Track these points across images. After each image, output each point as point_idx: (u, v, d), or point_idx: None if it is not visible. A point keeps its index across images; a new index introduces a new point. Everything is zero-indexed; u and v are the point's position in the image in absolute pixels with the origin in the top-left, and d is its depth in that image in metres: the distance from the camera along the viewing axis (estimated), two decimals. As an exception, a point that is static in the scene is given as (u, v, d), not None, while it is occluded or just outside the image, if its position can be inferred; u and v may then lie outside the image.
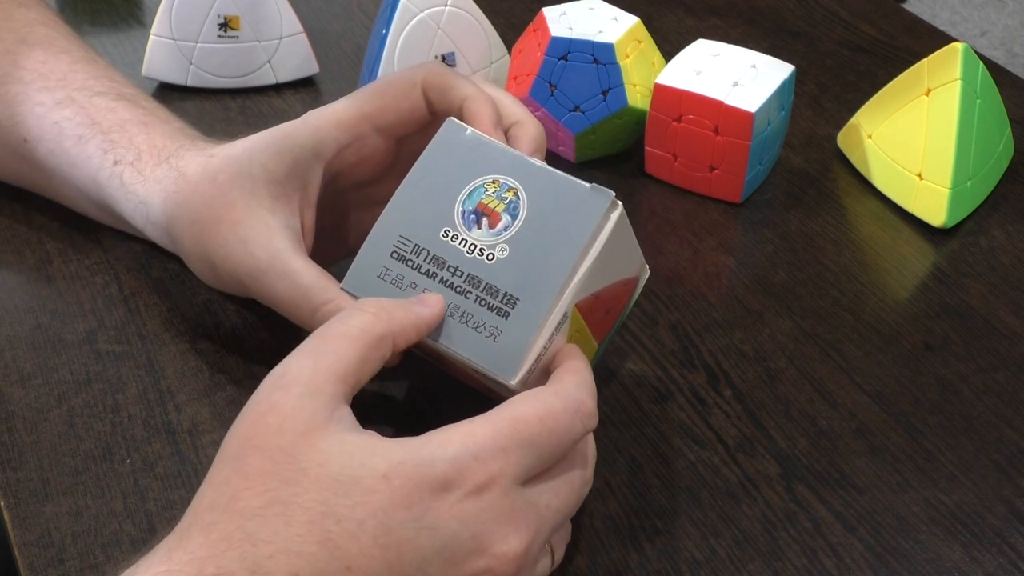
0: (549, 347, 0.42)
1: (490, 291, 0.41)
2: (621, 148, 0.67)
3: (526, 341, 0.40)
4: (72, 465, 0.47)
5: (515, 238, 0.42)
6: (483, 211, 0.42)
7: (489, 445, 0.37)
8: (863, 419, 0.51)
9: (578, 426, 0.40)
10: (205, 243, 0.49)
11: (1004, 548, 0.45)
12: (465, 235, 0.42)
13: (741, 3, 0.84)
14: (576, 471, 0.41)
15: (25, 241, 0.59)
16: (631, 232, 0.44)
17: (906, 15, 0.84)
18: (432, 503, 0.36)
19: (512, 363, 0.41)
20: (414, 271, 0.42)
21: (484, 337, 0.41)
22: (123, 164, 0.53)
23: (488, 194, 0.43)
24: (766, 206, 0.64)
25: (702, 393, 0.52)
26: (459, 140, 0.44)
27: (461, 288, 0.41)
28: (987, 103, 0.63)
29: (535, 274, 0.41)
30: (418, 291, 0.42)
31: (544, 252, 0.41)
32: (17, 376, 0.51)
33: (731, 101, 0.60)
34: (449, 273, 0.42)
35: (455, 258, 0.42)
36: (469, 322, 0.41)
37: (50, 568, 0.43)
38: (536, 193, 0.42)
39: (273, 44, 0.71)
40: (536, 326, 0.41)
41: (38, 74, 0.57)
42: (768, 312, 0.57)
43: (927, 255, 0.61)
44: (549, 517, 0.39)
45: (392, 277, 0.42)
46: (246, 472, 0.37)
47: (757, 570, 0.44)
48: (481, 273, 0.41)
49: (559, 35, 0.63)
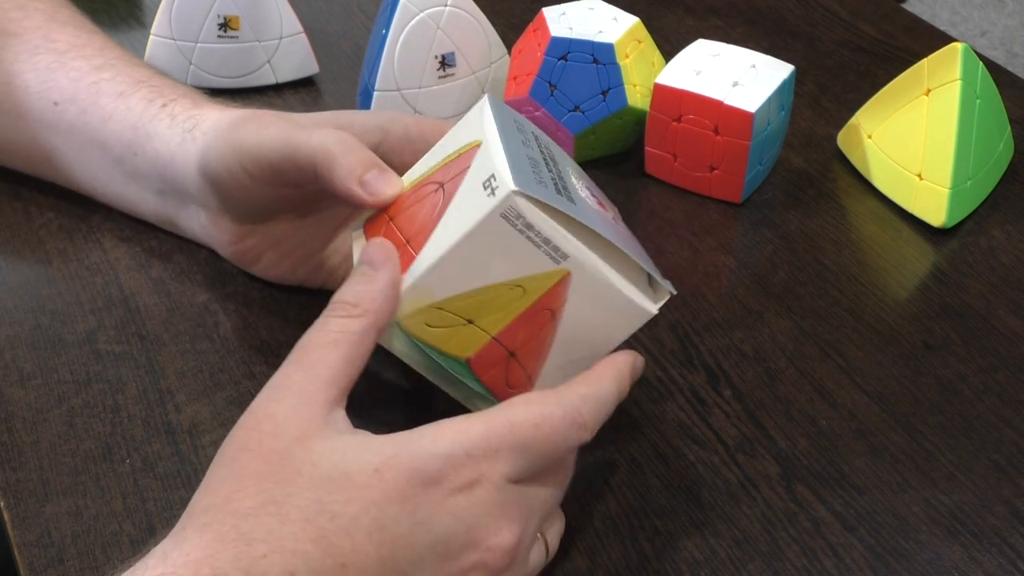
0: (531, 241, 0.40)
1: (564, 187, 0.42)
2: (621, 148, 0.67)
3: (551, 200, 0.39)
4: (72, 465, 0.47)
5: (605, 216, 0.43)
6: (598, 200, 0.45)
7: (481, 444, 0.38)
8: (863, 419, 0.51)
9: (573, 436, 0.40)
10: (240, 129, 0.49)
11: (1004, 548, 0.45)
12: (575, 183, 0.44)
13: (741, 3, 0.84)
14: (565, 465, 0.42)
15: (25, 241, 0.59)
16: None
17: (906, 15, 0.84)
18: (424, 497, 0.37)
19: (528, 188, 0.39)
20: (535, 141, 0.44)
21: (532, 172, 0.41)
22: (176, 102, 0.54)
23: (607, 203, 0.46)
24: (766, 206, 0.64)
25: (702, 393, 0.52)
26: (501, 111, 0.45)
27: (551, 167, 0.43)
28: (987, 103, 0.63)
29: (595, 220, 0.41)
30: (526, 139, 0.43)
31: (613, 230, 0.42)
32: (17, 376, 0.51)
33: (731, 101, 0.60)
34: (552, 163, 0.43)
35: (563, 170, 0.44)
36: (535, 168, 0.41)
37: (50, 568, 0.43)
38: (635, 243, 0.45)
39: (273, 44, 0.71)
40: (566, 210, 0.40)
41: (72, 45, 0.58)
42: (768, 312, 0.57)
43: (927, 255, 0.61)
44: (538, 507, 0.40)
45: (518, 126, 0.44)
46: (240, 475, 0.37)
47: (757, 570, 0.44)
48: (569, 185, 0.43)
49: (559, 35, 0.63)
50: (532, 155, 0.42)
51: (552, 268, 0.40)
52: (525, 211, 0.39)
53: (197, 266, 0.57)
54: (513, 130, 0.43)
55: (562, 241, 0.40)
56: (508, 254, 0.40)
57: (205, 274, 0.57)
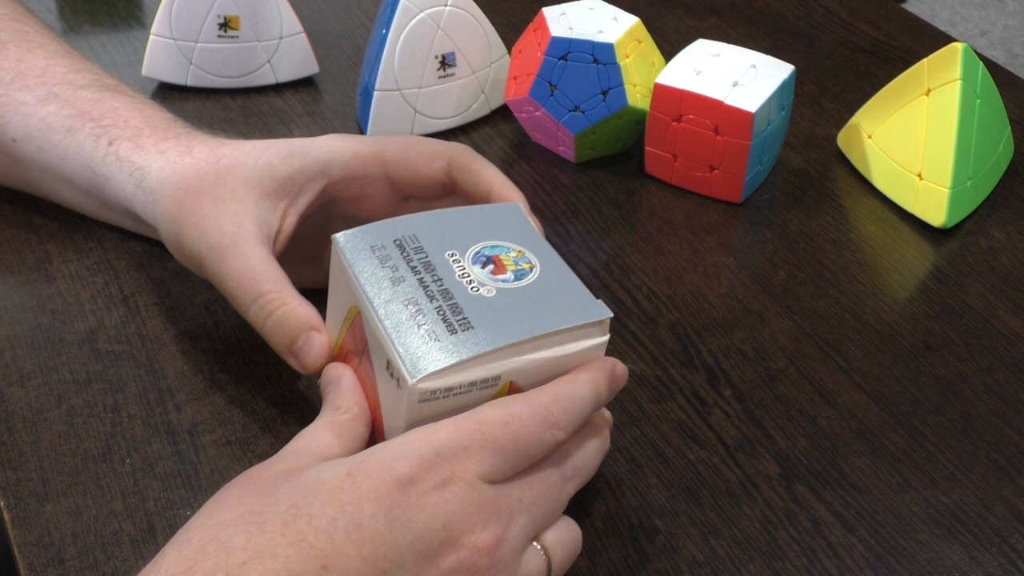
0: (465, 393, 0.40)
1: (454, 309, 0.41)
2: (621, 148, 0.67)
3: (453, 358, 0.39)
4: (72, 465, 0.47)
5: (506, 291, 0.42)
6: (495, 261, 0.43)
7: (451, 443, 0.38)
8: (863, 419, 0.51)
9: (546, 435, 0.40)
10: (182, 209, 0.49)
11: (1004, 548, 0.45)
12: (466, 265, 0.43)
13: (741, 3, 0.84)
14: (552, 469, 0.41)
15: (25, 241, 0.59)
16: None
17: (906, 15, 0.84)
18: (399, 496, 0.37)
19: (426, 365, 0.39)
20: (403, 261, 0.42)
21: (421, 335, 0.40)
22: (120, 141, 0.53)
23: (508, 255, 0.44)
24: (766, 206, 0.64)
25: (702, 393, 0.52)
26: (516, 213, 0.46)
27: (431, 292, 0.41)
28: (987, 103, 0.63)
29: (501, 322, 0.40)
30: (396, 275, 0.42)
31: (521, 314, 0.41)
32: (17, 376, 0.51)
33: (731, 101, 0.60)
34: (431, 278, 0.42)
35: (445, 272, 0.42)
36: (416, 319, 0.40)
37: (50, 568, 0.43)
38: (548, 279, 0.43)
39: (273, 44, 0.71)
40: (472, 353, 0.39)
41: (16, 73, 0.57)
42: (768, 312, 0.57)
43: (927, 255, 0.61)
44: (523, 510, 0.39)
45: (381, 255, 0.43)
46: (223, 496, 0.38)
47: (757, 570, 0.44)
48: (457, 294, 0.41)
49: (559, 35, 0.63)
50: (408, 294, 0.41)
51: (497, 387, 0.41)
52: (437, 384, 0.39)
53: (197, 266, 0.58)
54: (380, 274, 0.42)
55: (486, 371, 0.40)
56: (457, 408, 0.40)
57: (205, 274, 0.57)
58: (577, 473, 0.42)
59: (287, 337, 0.45)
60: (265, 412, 0.50)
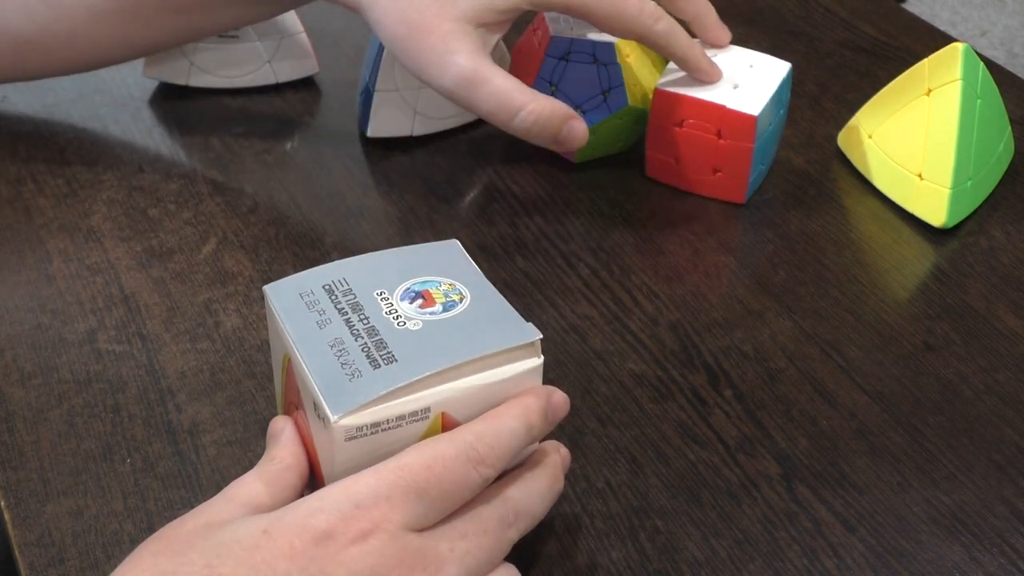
0: (395, 429, 0.39)
1: (379, 345, 0.40)
2: (621, 148, 0.67)
3: (374, 393, 0.38)
4: (72, 465, 0.47)
5: (433, 323, 0.41)
6: (424, 295, 0.43)
7: (371, 494, 0.36)
8: (863, 419, 0.51)
9: (472, 474, 0.38)
10: (410, 45, 0.56)
11: (1005, 548, 0.45)
12: (394, 301, 0.42)
13: (741, 3, 0.84)
14: (489, 514, 0.39)
15: (25, 241, 0.59)
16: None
17: (906, 15, 0.84)
18: (315, 552, 0.35)
19: (348, 402, 0.38)
20: (331, 304, 0.42)
21: (343, 373, 0.39)
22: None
23: (439, 289, 0.43)
24: (766, 206, 0.64)
25: (702, 393, 0.52)
26: (453, 250, 0.46)
27: (356, 331, 0.41)
28: (987, 103, 0.63)
29: (425, 352, 0.40)
30: (322, 318, 0.41)
31: (446, 343, 0.40)
32: (17, 376, 0.51)
33: (733, 105, 0.60)
34: (357, 318, 0.41)
35: (372, 311, 0.42)
36: (341, 359, 0.40)
37: (50, 568, 0.43)
38: (478, 308, 0.42)
39: (273, 44, 0.71)
40: (394, 385, 0.39)
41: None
42: (768, 312, 0.57)
43: (927, 255, 0.61)
44: (454, 560, 0.37)
45: (309, 300, 0.42)
46: (138, 556, 0.37)
47: (757, 570, 0.44)
48: (383, 331, 0.41)
49: (559, 35, 0.63)
50: (333, 335, 0.41)
51: (429, 421, 0.40)
52: (361, 420, 0.38)
53: (197, 266, 0.58)
54: (306, 320, 0.42)
55: (414, 404, 0.39)
56: (390, 446, 0.39)
57: (205, 274, 0.57)
58: (520, 518, 0.40)
59: (552, 133, 0.57)
60: (265, 412, 0.50)
